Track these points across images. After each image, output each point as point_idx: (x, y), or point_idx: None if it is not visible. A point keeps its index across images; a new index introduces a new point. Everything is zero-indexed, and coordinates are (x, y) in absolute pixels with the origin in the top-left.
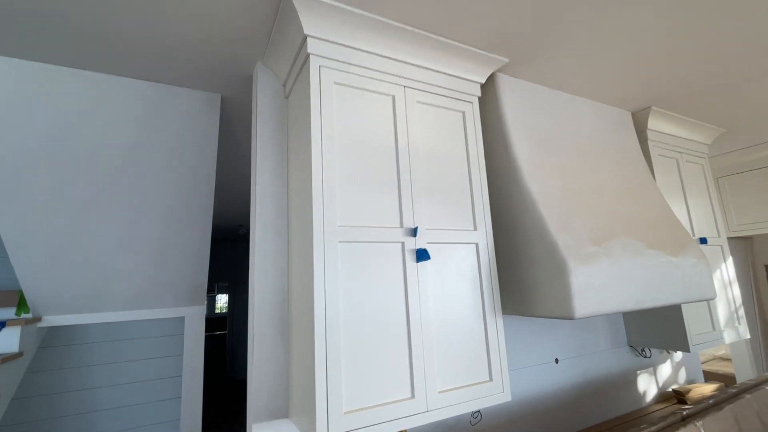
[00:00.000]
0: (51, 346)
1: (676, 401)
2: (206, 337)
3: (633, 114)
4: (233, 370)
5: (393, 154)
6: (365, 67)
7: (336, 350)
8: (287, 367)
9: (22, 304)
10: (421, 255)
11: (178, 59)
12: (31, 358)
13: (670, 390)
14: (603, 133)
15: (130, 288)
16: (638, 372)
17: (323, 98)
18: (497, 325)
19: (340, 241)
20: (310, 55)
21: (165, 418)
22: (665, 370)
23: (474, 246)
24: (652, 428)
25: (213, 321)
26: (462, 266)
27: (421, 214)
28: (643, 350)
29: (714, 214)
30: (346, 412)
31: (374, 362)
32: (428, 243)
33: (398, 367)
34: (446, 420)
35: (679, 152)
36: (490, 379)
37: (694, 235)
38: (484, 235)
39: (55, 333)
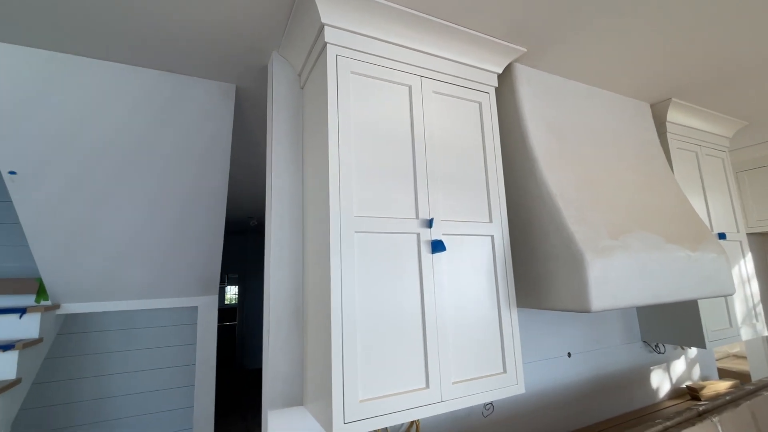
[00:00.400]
0: (69, 333)
1: (689, 398)
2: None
3: (652, 106)
4: (243, 360)
5: (409, 145)
6: (382, 57)
7: (352, 340)
8: (302, 355)
9: (41, 291)
10: (437, 246)
11: (193, 49)
12: (50, 345)
13: (684, 386)
14: (621, 125)
15: (144, 277)
16: (652, 368)
17: (340, 88)
18: (512, 317)
19: (356, 232)
20: (328, 44)
21: (178, 405)
22: (679, 366)
23: (489, 238)
24: (668, 423)
25: (223, 312)
26: (477, 258)
27: (436, 205)
28: (657, 346)
29: (733, 209)
30: (361, 401)
31: (389, 352)
32: (444, 234)
33: (413, 357)
34: (458, 411)
35: (699, 145)
36: (504, 370)
37: (712, 230)
38: (499, 227)
39: (72, 320)
